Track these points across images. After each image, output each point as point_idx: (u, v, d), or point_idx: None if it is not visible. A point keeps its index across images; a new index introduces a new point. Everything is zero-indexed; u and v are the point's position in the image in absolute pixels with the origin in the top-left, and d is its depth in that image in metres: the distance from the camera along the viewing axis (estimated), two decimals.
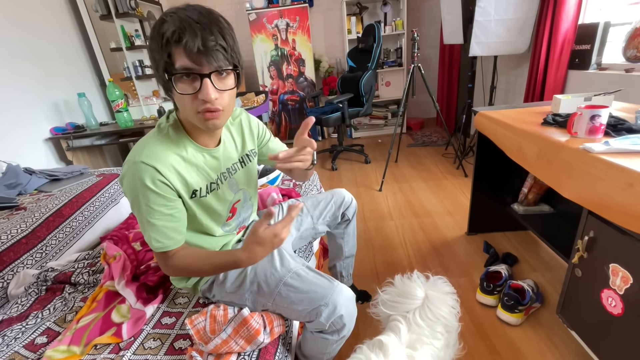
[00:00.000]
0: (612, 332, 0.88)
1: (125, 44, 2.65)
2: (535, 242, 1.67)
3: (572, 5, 1.84)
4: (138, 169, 0.66)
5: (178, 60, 0.60)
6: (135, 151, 0.69)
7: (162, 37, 0.59)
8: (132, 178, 0.67)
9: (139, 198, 0.68)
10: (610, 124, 1.00)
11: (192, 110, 0.64)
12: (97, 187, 1.49)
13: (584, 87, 1.86)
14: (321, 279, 0.81)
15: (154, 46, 0.61)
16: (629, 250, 0.79)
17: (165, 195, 0.68)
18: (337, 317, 0.76)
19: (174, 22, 0.58)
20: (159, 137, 0.71)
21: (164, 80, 0.63)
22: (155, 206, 0.68)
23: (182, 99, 0.63)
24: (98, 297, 0.92)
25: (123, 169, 0.70)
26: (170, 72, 0.61)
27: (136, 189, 0.67)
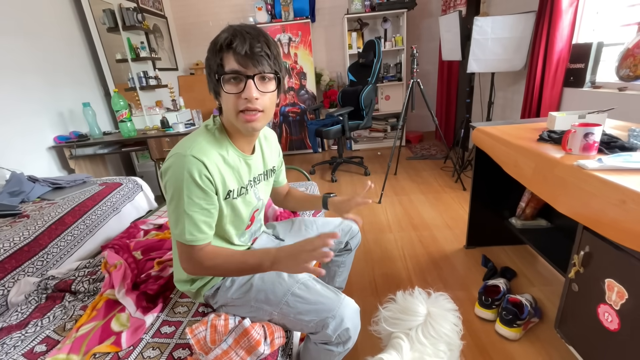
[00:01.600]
0: (609, 347, 0.88)
1: (130, 56, 2.70)
2: (533, 257, 1.68)
3: (566, 26, 1.90)
4: (188, 161, 0.70)
5: (228, 64, 0.69)
6: (185, 146, 0.73)
7: (216, 44, 0.70)
8: (180, 169, 0.70)
9: (182, 189, 0.71)
10: (603, 142, 1.03)
11: (234, 109, 0.72)
12: (99, 195, 1.50)
13: (578, 104, 1.90)
14: (328, 291, 0.82)
15: (210, 53, 0.72)
16: (624, 265, 0.81)
17: (207, 190, 0.73)
18: (344, 330, 0.77)
19: (227, 31, 0.69)
20: (206, 136, 0.77)
21: (214, 82, 0.72)
22: (196, 199, 0.72)
23: (227, 98, 0.72)
24: (98, 305, 0.93)
25: (168, 161, 0.73)
26: (219, 74, 0.70)
27: (182, 180, 0.70)
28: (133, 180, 1.75)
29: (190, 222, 0.72)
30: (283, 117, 3.82)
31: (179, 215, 0.73)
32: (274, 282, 0.84)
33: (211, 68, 0.72)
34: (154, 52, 3.02)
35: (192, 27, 3.83)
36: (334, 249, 1.16)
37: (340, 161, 3.21)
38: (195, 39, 3.86)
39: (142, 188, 1.77)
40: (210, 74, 0.73)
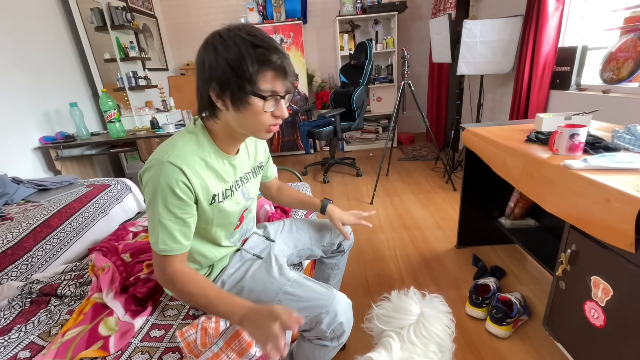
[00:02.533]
0: (595, 343, 0.90)
1: (119, 55, 2.66)
2: (522, 255, 1.71)
3: (552, 30, 1.94)
4: (165, 168, 0.67)
5: (265, 82, 0.67)
6: (163, 151, 0.70)
7: (257, 58, 0.65)
8: (156, 176, 0.68)
9: (157, 196, 0.68)
10: (588, 142, 1.05)
11: (260, 124, 0.71)
12: (86, 197, 1.47)
13: (564, 106, 1.95)
14: (320, 287, 0.83)
15: (244, 65, 0.64)
16: (609, 263, 0.83)
17: (184, 199, 0.70)
18: (338, 324, 0.78)
19: (269, 50, 0.65)
20: (187, 140, 0.73)
21: (243, 95, 0.66)
22: (172, 207, 0.69)
23: (259, 114, 0.69)
24: (85, 309, 0.90)
25: (147, 164, 0.70)
26: (255, 91, 0.67)
27: (157, 187, 0.68)
28: (122, 182, 1.72)
29: (165, 231, 0.70)
30: None
31: (154, 224, 0.70)
32: (265, 281, 0.84)
33: (242, 79, 0.65)
34: (143, 52, 2.98)
35: (182, 28, 3.80)
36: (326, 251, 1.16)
37: (332, 162, 3.22)
38: (186, 39, 3.83)
39: (131, 189, 1.74)
40: (241, 85, 0.66)
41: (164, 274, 0.73)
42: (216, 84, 0.67)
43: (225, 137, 0.78)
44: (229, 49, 0.65)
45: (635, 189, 0.74)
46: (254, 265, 0.90)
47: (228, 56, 0.65)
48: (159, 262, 0.73)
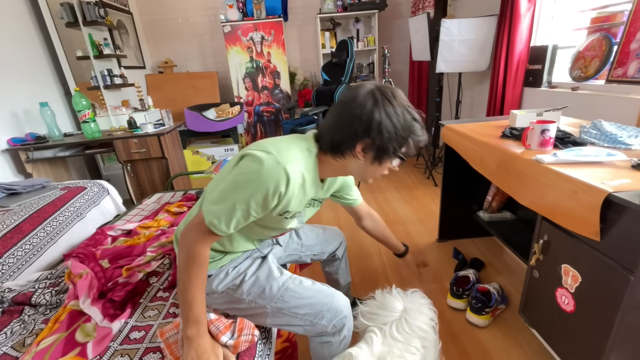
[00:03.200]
0: (567, 328, 0.95)
1: (93, 53, 2.56)
2: (499, 247, 1.78)
3: (525, 29, 2.02)
4: (277, 172, 0.68)
5: (407, 148, 0.75)
6: (283, 153, 0.70)
7: (415, 131, 0.73)
8: (265, 172, 0.67)
9: (251, 188, 0.68)
10: (558, 138, 1.10)
11: (378, 174, 0.79)
12: (60, 201, 1.41)
13: (537, 103, 2.03)
14: (319, 285, 0.89)
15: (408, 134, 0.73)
16: (577, 251, 0.88)
17: (268, 204, 0.70)
18: (339, 319, 0.84)
19: (424, 136, 0.76)
20: (305, 158, 0.75)
21: (387, 154, 0.74)
22: (252, 203, 0.68)
23: (382, 168, 0.77)
24: (61, 318, 0.87)
25: (260, 154, 0.69)
26: (398, 154, 0.75)
27: (258, 181, 0.67)
28: (98, 184, 1.66)
29: (229, 213, 0.69)
30: (257, 116, 3.77)
31: (226, 200, 0.69)
32: (268, 278, 0.86)
33: (397, 143, 0.72)
34: (118, 49, 2.88)
35: (159, 24, 3.69)
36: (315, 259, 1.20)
37: None
38: (164, 36, 3.72)
39: (108, 192, 1.68)
40: (391, 145, 0.72)
41: (190, 238, 0.72)
42: (371, 138, 0.71)
43: (329, 171, 0.80)
44: (398, 117, 0.71)
45: (600, 181, 0.78)
46: (257, 261, 0.91)
47: (398, 124, 0.71)
48: (197, 227, 0.71)
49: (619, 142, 1.03)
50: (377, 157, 0.74)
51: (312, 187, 0.80)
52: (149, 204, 1.70)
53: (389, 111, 0.70)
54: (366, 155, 0.73)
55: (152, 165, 2.32)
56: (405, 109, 0.73)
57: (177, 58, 3.77)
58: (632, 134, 1.06)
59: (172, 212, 1.52)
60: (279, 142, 0.75)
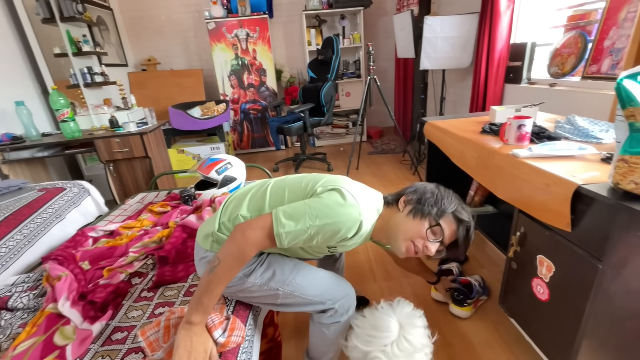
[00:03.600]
0: (542, 316, 0.98)
1: (71, 50, 2.48)
2: (482, 240, 1.82)
3: (505, 27, 2.06)
4: (355, 221, 0.76)
5: (446, 224, 0.82)
6: (366, 207, 0.79)
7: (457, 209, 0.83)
8: (347, 216, 0.75)
9: (328, 223, 0.74)
10: (534, 132, 1.14)
11: (412, 237, 0.81)
12: (38, 202, 1.37)
13: (517, 99, 2.08)
14: (326, 272, 0.95)
15: (448, 203, 0.83)
16: (551, 242, 0.91)
17: (329, 241, 0.78)
18: (346, 299, 0.90)
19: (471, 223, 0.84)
20: (374, 217, 0.85)
21: (430, 214, 0.81)
22: (322, 235, 0.75)
23: (421, 229, 0.80)
24: (39, 321, 0.86)
25: (351, 198, 0.77)
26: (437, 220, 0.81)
27: (336, 222, 0.74)
28: (78, 185, 1.63)
29: (297, 233, 0.73)
30: (244, 114, 3.74)
31: (304, 221, 0.73)
32: (280, 262, 0.90)
33: (437, 205, 0.82)
34: (98, 46, 2.81)
35: (141, 21, 3.61)
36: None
37: (303, 158, 3.22)
38: (146, 33, 3.65)
39: (89, 192, 1.64)
40: (436, 207, 0.82)
41: (249, 238, 0.73)
42: (415, 192, 0.87)
43: (381, 228, 0.86)
44: (446, 194, 0.87)
45: (570, 174, 0.81)
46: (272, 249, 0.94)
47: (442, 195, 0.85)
48: (262, 230, 0.74)
49: (590, 137, 1.06)
50: (413, 210, 0.82)
51: (360, 240, 0.86)
52: (132, 204, 1.67)
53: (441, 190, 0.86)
54: (406, 206, 0.84)
55: (135, 164, 2.28)
56: (458, 199, 0.85)
57: (161, 55, 3.70)
58: (603, 128, 1.10)
59: (155, 212, 1.50)
60: (365, 193, 0.84)
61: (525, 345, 1.15)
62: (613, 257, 0.73)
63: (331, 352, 0.97)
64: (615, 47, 1.48)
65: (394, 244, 0.84)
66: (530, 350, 1.13)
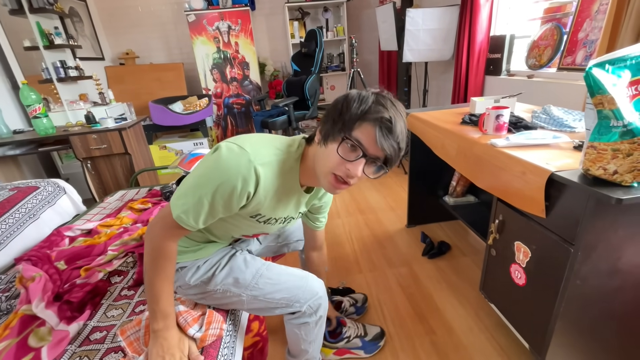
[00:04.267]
0: (520, 300, 1.02)
1: (42, 43, 2.37)
2: (464, 230, 1.86)
3: (485, 19, 2.09)
4: (247, 168, 0.64)
5: (360, 132, 0.63)
6: (256, 149, 0.66)
7: (367, 110, 0.63)
8: (234, 167, 0.64)
9: (218, 181, 0.63)
10: (512, 122, 1.16)
11: (330, 168, 0.66)
12: (9, 202, 1.32)
13: (497, 90, 2.12)
14: (292, 269, 0.90)
15: (353, 107, 0.64)
16: (527, 228, 0.93)
17: (235, 203, 0.67)
18: (314, 300, 0.86)
19: (387, 110, 0.63)
20: (281, 157, 0.71)
21: (334, 133, 0.65)
22: (220, 198, 0.65)
23: (333, 156, 0.65)
24: (12, 324, 0.82)
25: (232, 146, 0.65)
26: (344, 133, 0.64)
27: (226, 175, 0.63)
28: (53, 183, 1.56)
29: (196, 207, 0.65)
30: (227, 109, 3.68)
31: (194, 194, 0.65)
32: (241, 267, 0.86)
33: (343, 116, 0.64)
34: (72, 39, 2.69)
35: (117, 12, 3.47)
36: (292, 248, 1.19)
37: None
38: (123, 25, 3.52)
39: (65, 191, 1.59)
40: (338, 120, 0.65)
41: (156, 233, 0.69)
42: (325, 115, 0.68)
43: (309, 170, 0.74)
44: (354, 95, 0.66)
45: (545, 162, 0.83)
46: (229, 253, 0.90)
47: (349, 97, 0.66)
48: (164, 221, 0.68)
49: (565, 126, 1.10)
50: (324, 134, 0.67)
51: (291, 193, 0.77)
52: (111, 202, 1.63)
53: (355, 94, 0.66)
54: (320, 134, 0.68)
55: (114, 161, 2.21)
56: (373, 93, 0.66)
57: (139, 49, 3.58)
58: (577, 117, 1.13)
59: (135, 209, 1.47)
60: (259, 139, 0.71)
61: (504, 329, 1.19)
62: (583, 240, 0.76)
63: (308, 351, 0.95)
64: (588, 39, 1.53)
65: (321, 184, 0.71)
66: (510, 334, 1.17)
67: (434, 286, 1.45)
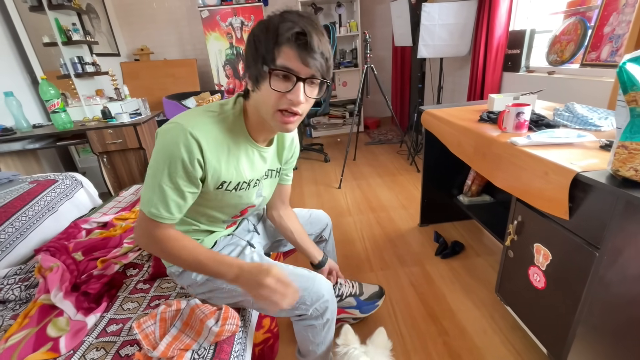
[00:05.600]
0: (538, 304, 0.99)
1: (61, 39, 2.42)
2: (479, 230, 1.82)
3: (504, 13, 2.02)
4: (184, 137, 0.63)
5: (283, 57, 0.61)
6: (188, 118, 0.66)
7: (277, 33, 0.60)
8: (173, 140, 0.63)
9: (167, 161, 0.64)
10: (533, 120, 1.12)
11: (273, 106, 0.65)
12: (29, 195, 1.35)
13: (516, 87, 2.06)
14: (300, 269, 0.87)
15: (264, 37, 0.61)
16: (548, 230, 0.90)
17: (192, 174, 0.66)
18: (320, 302, 0.83)
19: (296, 23, 0.60)
20: (217, 118, 0.69)
21: (260, 70, 0.63)
22: (176, 177, 0.65)
23: (269, 93, 0.63)
24: (31, 312, 0.85)
25: (166, 126, 0.66)
26: (269, 66, 0.61)
27: (170, 152, 0.64)
28: (71, 177, 1.60)
29: (161, 196, 0.66)
30: None
31: (153, 184, 0.66)
32: None
33: (259, 52, 0.62)
34: (89, 35, 2.74)
35: (133, 9, 3.52)
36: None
37: (300, 149, 3.19)
38: (139, 21, 3.56)
39: (82, 184, 1.62)
40: (257, 59, 0.63)
41: (150, 236, 0.70)
42: (244, 60, 0.67)
43: (256, 124, 0.74)
44: (259, 23, 0.63)
45: (569, 162, 0.80)
46: (236, 250, 0.90)
47: (255, 30, 0.64)
48: (144, 223, 0.69)
49: (589, 124, 1.05)
50: (252, 77, 0.66)
51: (248, 150, 0.75)
52: (126, 196, 1.65)
53: (261, 23, 0.63)
54: (250, 80, 0.67)
55: (129, 156, 2.25)
56: (276, 14, 0.62)
57: (154, 45, 3.62)
58: (602, 115, 1.09)
59: None
60: (191, 111, 0.70)
61: (520, 332, 1.16)
62: (610, 244, 0.73)
63: (317, 352, 0.92)
64: (615, 33, 1.46)
65: (272, 126, 0.69)
66: (525, 337, 1.13)
67: (447, 286, 1.43)
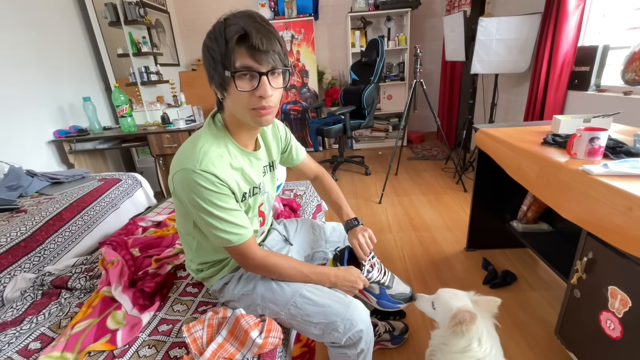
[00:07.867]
0: (611, 355, 0.87)
1: (132, 50, 2.69)
2: (533, 261, 1.67)
3: (572, 28, 1.88)
4: (199, 177, 0.68)
5: (239, 59, 0.64)
6: (192, 159, 0.69)
7: (225, 38, 0.63)
8: (193, 185, 0.68)
9: (202, 200, 0.69)
10: (609, 147, 1.01)
11: (247, 106, 0.68)
12: (98, 191, 1.49)
13: (583, 108, 1.88)
14: (336, 294, 0.83)
15: (216, 46, 0.65)
16: (628, 273, 0.80)
17: (226, 193, 0.71)
18: (355, 332, 0.78)
19: (238, 25, 0.63)
20: (211, 145, 0.73)
21: (222, 77, 0.66)
22: (219, 202, 0.70)
23: (238, 96, 0.67)
24: (94, 302, 0.92)
25: (178, 176, 0.70)
26: (230, 71, 0.65)
27: (198, 192, 0.68)
28: (132, 177, 1.74)
29: (226, 223, 0.71)
30: (284, 115, 3.80)
31: (213, 224, 0.71)
32: (280, 282, 0.83)
33: (216, 61, 0.65)
34: (155, 47, 3.01)
35: (194, 23, 3.81)
36: None
37: (341, 160, 3.20)
38: (197, 34, 3.84)
39: (141, 184, 1.75)
40: (216, 67, 0.66)
41: (254, 261, 0.76)
42: (207, 72, 0.70)
43: (238, 131, 0.77)
44: (208, 34, 0.67)
45: None
46: None
47: (206, 41, 0.67)
48: (240, 253, 0.76)
49: None
50: (218, 86, 0.69)
51: (244, 159, 0.79)
52: None
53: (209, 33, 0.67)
54: (216, 90, 0.70)
55: None
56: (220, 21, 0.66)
57: None
58: None
59: None
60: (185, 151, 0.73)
61: None
62: None
63: None
64: None
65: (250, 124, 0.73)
66: None
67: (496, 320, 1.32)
